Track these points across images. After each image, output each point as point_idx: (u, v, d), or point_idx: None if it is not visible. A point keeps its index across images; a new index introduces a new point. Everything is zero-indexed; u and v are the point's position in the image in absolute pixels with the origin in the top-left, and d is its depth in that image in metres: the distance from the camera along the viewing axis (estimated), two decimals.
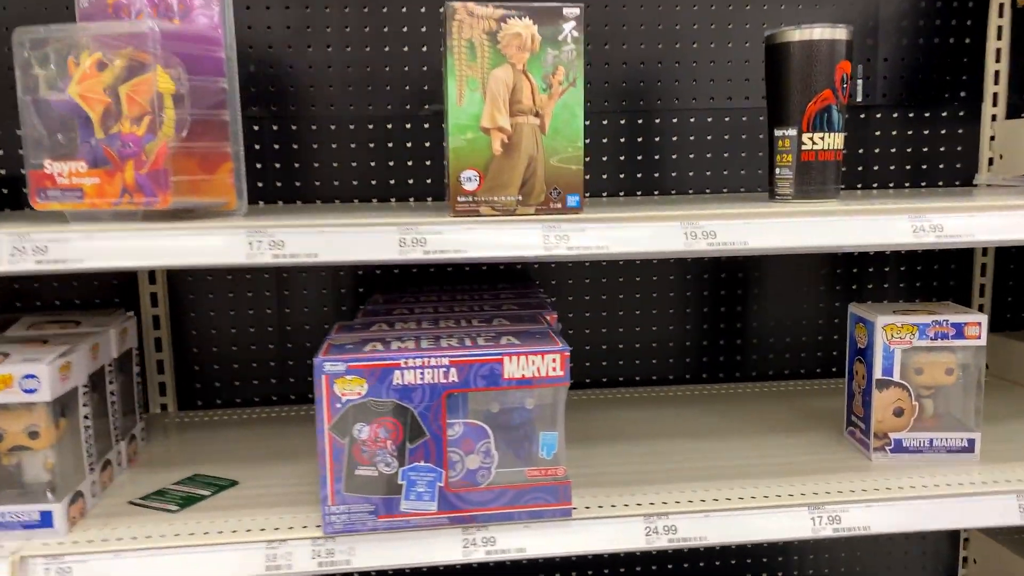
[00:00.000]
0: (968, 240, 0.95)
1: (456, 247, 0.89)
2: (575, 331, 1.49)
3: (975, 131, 1.52)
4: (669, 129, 1.45)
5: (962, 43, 1.49)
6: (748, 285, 1.52)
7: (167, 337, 1.42)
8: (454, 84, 0.89)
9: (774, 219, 0.93)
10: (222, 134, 0.99)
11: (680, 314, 1.51)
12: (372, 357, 0.90)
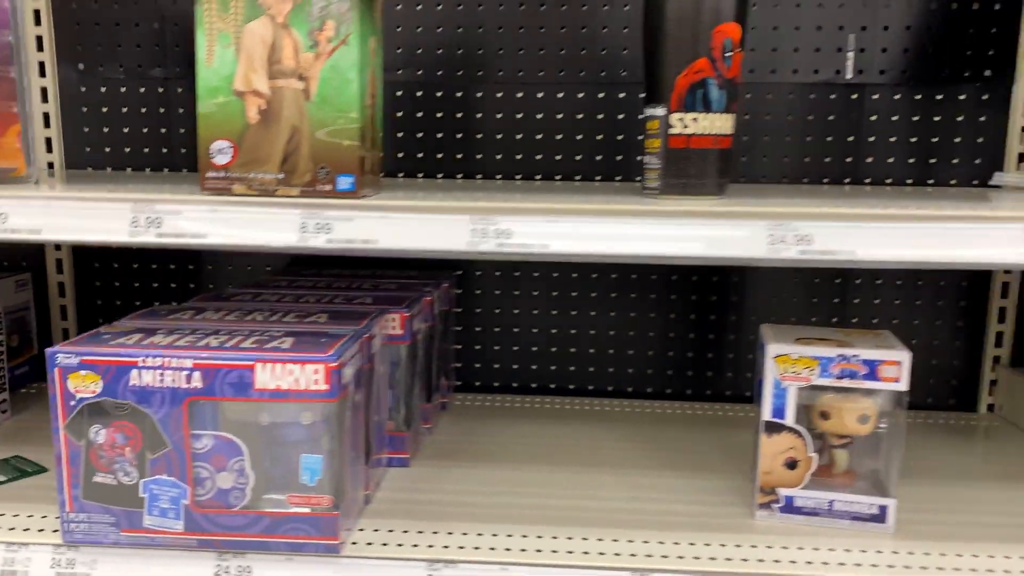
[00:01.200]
0: (846, 259, 0.72)
1: (195, 231, 0.76)
2: (525, 328, 1.33)
3: (1002, 119, 1.23)
4: (494, 104, 1.25)
5: (989, 7, 1.21)
6: (728, 292, 1.30)
7: (72, 303, 1.37)
8: (203, 39, 0.75)
9: (588, 218, 0.74)
10: (8, 93, 0.90)
11: (652, 322, 1.32)
12: (108, 352, 0.79)
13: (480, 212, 0.74)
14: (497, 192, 0.92)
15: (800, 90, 1.24)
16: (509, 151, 1.27)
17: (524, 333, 1.33)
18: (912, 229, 0.72)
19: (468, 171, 1.28)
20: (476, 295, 1.33)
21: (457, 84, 1.26)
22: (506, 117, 1.26)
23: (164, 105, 1.30)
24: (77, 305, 1.37)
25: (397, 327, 1.00)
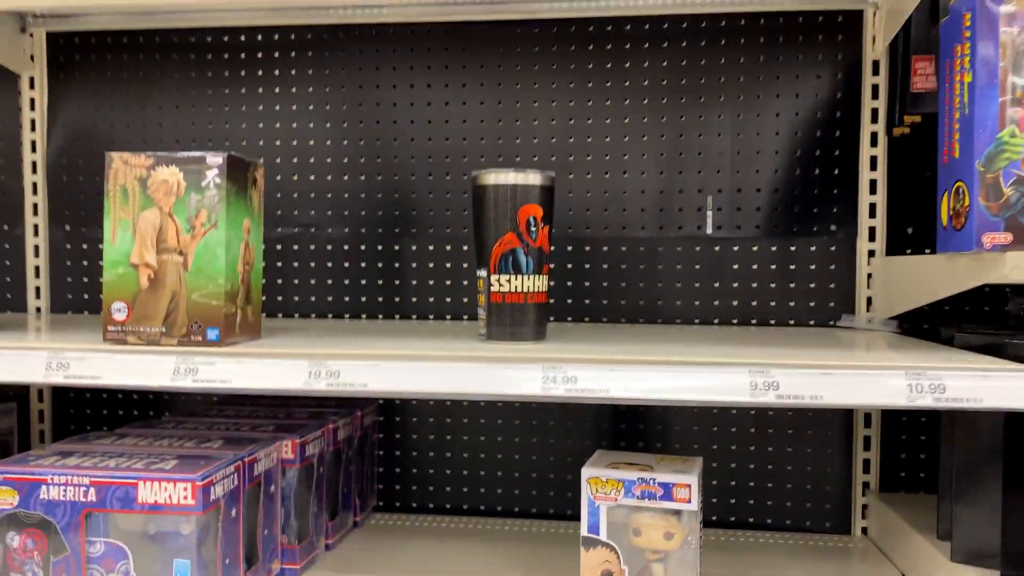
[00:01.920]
0: (603, 396, 0.88)
1: (94, 373, 0.95)
2: (444, 451, 1.49)
3: (851, 268, 1.39)
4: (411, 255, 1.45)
5: (832, 173, 1.39)
6: (635, 423, 1.45)
7: (49, 430, 1.57)
8: (109, 224, 0.98)
9: (402, 363, 0.92)
10: None
11: (553, 447, 1.46)
12: (23, 471, 0.98)
13: (315, 357, 0.93)
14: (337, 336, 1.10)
15: (670, 243, 1.42)
16: (434, 294, 1.47)
17: (442, 456, 1.49)
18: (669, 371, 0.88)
19: (400, 312, 1.48)
20: (397, 421, 1.49)
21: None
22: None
23: None
24: (54, 430, 1.57)
25: (289, 451, 1.17)
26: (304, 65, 1.47)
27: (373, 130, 1.46)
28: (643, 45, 1.41)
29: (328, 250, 1.48)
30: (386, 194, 1.47)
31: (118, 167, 0.97)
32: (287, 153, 1.49)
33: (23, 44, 1.50)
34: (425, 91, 1.45)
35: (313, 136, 1.48)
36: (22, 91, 1.53)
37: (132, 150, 1.45)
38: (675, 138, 1.41)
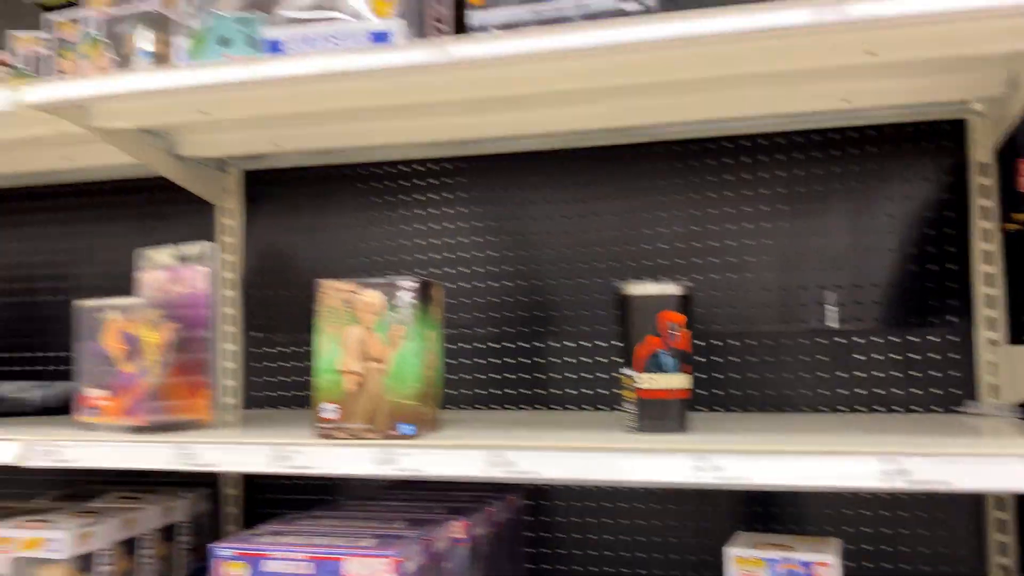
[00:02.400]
0: (747, 483, 1.01)
1: (310, 464, 1.15)
2: (590, 543, 1.62)
3: (969, 356, 1.46)
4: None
5: (946, 267, 1.48)
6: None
7: (240, 511, 1.79)
8: (320, 338, 1.18)
9: (569, 453, 1.07)
10: (202, 370, 1.36)
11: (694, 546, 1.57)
12: (251, 547, 1.17)
13: (494, 448, 1.09)
14: (524, 427, 1.26)
15: (794, 336, 1.53)
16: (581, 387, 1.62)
17: (586, 537, 1.61)
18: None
19: (545, 402, 1.64)
20: (543, 505, 1.63)
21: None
22: None
23: (309, 359, 1.76)
24: (245, 512, 1.79)
25: (460, 532, 1.33)
26: (457, 189, 1.69)
27: (517, 243, 1.66)
28: (760, 158, 1.56)
29: (478, 348, 1.67)
30: (529, 299, 1.65)
31: (328, 291, 1.19)
32: (443, 264, 1.69)
33: (221, 181, 1.78)
34: (563, 207, 1.64)
35: (465, 249, 1.68)
36: (219, 218, 1.81)
37: (312, 267, 1.69)
38: (794, 240, 1.54)
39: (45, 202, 1.89)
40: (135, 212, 1.85)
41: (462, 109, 1.49)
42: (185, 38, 1.32)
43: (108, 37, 1.46)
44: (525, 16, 1.15)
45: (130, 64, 1.44)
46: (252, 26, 1.28)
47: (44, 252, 1.90)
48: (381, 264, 1.72)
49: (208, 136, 1.62)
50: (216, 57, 1.29)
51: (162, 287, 1.43)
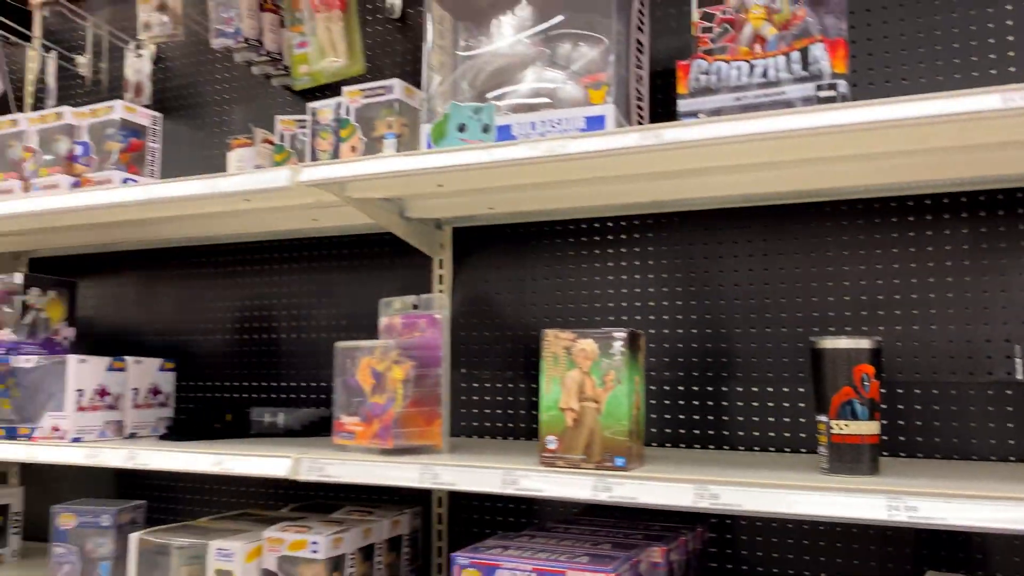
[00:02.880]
0: (940, 523, 1.10)
1: (537, 487, 1.34)
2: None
3: None
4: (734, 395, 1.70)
5: None
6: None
7: (445, 528, 2.01)
8: (544, 380, 1.38)
9: (771, 490, 1.20)
10: (436, 402, 1.59)
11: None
12: (483, 557, 1.37)
13: (700, 482, 1.24)
14: (728, 466, 1.40)
15: (980, 387, 1.59)
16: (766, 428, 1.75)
17: (770, 571, 1.72)
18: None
19: (732, 443, 1.77)
20: (727, 537, 1.75)
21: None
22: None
23: (516, 395, 1.97)
24: (449, 529, 2.01)
25: (658, 557, 1.48)
26: (648, 243, 1.86)
27: (705, 293, 1.81)
28: (944, 216, 1.64)
29: (666, 391, 1.82)
30: (715, 346, 1.79)
31: (550, 339, 1.38)
32: (634, 312, 1.87)
33: (438, 237, 2.04)
34: (749, 260, 1.78)
35: (655, 299, 1.85)
36: (434, 269, 2.06)
37: (513, 312, 1.91)
38: (979, 294, 1.61)
39: (291, 253, 2.22)
40: (365, 263, 2.14)
41: (659, 177, 1.66)
42: (427, 124, 1.58)
43: (358, 121, 1.75)
44: (728, 103, 1.31)
45: (377, 144, 1.72)
46: (485, 113, 1.51)
47: (288, 296, 2.22)
48: (576, 311, 1.91)
49: (434, 201, 1.88)
50: (455, 141, 1.53)
51: (400, 331, 1.68)
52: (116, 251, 2.44)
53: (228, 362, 2.27)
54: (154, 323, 2.38)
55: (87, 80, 2.49)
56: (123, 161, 1.84)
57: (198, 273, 2.33)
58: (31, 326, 1.97)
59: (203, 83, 2.37)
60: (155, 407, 2.04)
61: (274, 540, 1.60)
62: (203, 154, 2.35)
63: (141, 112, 1.89)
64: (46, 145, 1.92)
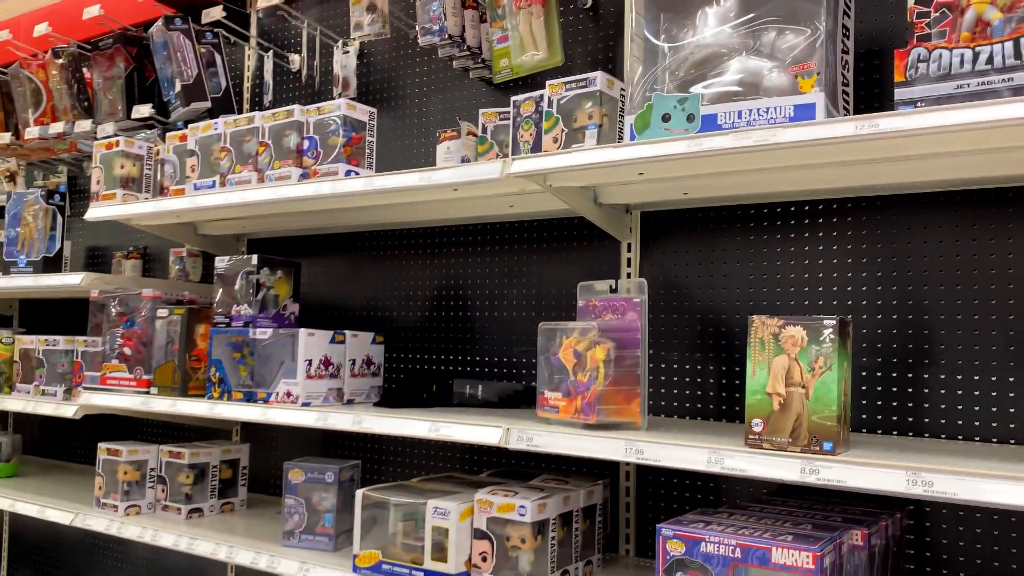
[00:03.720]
0: None
1: (745, 467, 1.39)
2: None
3: None
4: (936, 382, 1.64)
5: None
6: None
7: (633, 501, 2.10)
8: (751, 365, 1.43)
9: (979, 478, 1.21)
10: (635, 381, 1.67)
11: None
12: (687, 530, 1.44)
13: (912, 469, 1.26)
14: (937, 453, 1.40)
15: None
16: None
17: (971, 561, 1.69)
18: None
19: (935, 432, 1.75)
20: (926, 525, 1.74)
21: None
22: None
23: (704, 376, 2.02)
24: (636, 504, 2.10)
25: (859, 539, 1.50)
26: (845, 227, 1.85)
27: (906, 277, 1.78)
28: None
29: (864, 376, 1.81)
30: (916, 331, 1.77)
31: (757, 325, 1.43)
32: (831, 297, 1.87)
33: (627, 221, 2.11)
34: (952, 244, 1.73)
35: (853, 283, 1.84)
36: (623, 252, 2.13)
37: (703, 295, 1.95)
38: None
39: (487, 237, 2.36)
40: (555, 246, 2.25)
41: (865, 162, 1.66)
42: (629, 115, 1.65)
43: (559, 112, 1.84)
44: (948, 91, 1.30)
45: (578, 135, 1.81)
46: (690, 103, 1.56)
47: (483, 276, 2.36)
48: (770, 295, 1.93)
49: (628, 188, 1.95)
50: (659, 131, 1.59)
51: (599, 312, 1.77)
52: (326, 234, 2.67)
53: (429, 336, 2.45)
54: (361, 299, 2.60)
55: (301, 77, 2.73)
56: (345, 154, 2.03)
57: (402, 254, 2.52)
58: (262, 302, 2.21)
59: (404, 77, 2.54)
60: (368, 376, 2.24)
61: (484, 502, 1.74)
62: (403, 144, 2.52)
63: (360, 108, 2.07)
64: (277, 139, 2.14)
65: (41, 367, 2.71)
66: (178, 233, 2.73)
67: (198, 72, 2.71)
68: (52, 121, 3.12)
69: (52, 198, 2.91)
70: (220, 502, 2.48)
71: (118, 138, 2.58)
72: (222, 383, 2.17)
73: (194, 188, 2.33)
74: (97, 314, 2.53)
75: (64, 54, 3.06)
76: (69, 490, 2.83)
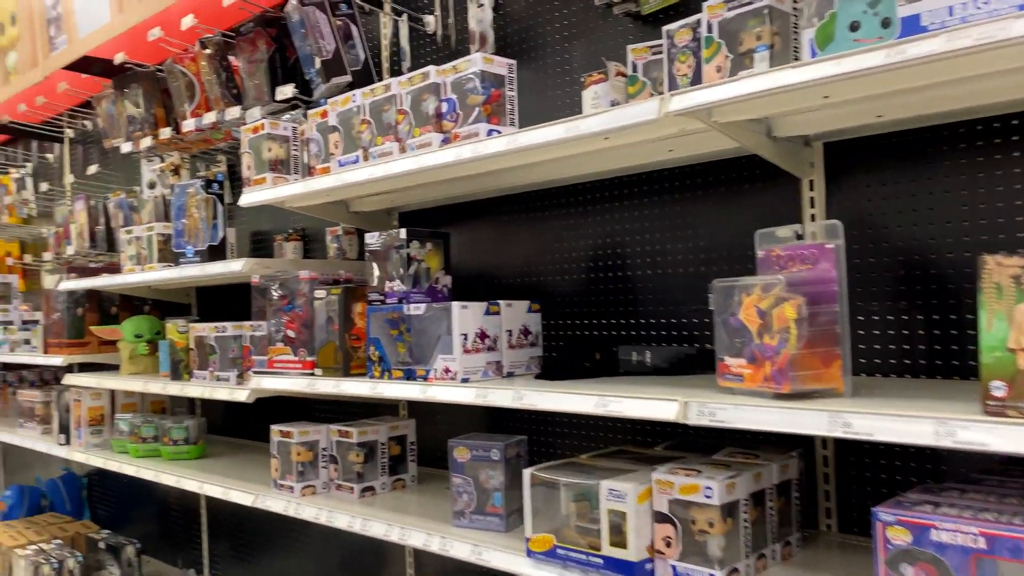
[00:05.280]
0: None
1: (980, 440, 1.15)
2: None
3: None
4: None
5: None
6: None
7: (832, 472, 1.87)
8: (985, 315, 1.17)
9: None
10: (834, 341, 1.44)
11: None
12: (914, 515, 1.21)
13: None
14: None
15: None
16: None
17: None
18: None
19: None
20: None
21: None
22: None
23: (911, 328, 1.74)
24: (837, 479, 1.86)
25: None
26: None
27: None
28: None
29: None
30: None
31: (992, 267, 1.16)
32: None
33: (807, 155, 1.84)
34: None
35: None
36: (804, 192, 1.87)
37: (907, 234, 1.67)
38: None
39: (643, 187, 2.16)
40: (721, 191, 2.02)
41: None
42: (808, 29, 1.39)
43: (722, 37, 1.60)
44: None
45: (745, 60, 1.57)
46: (884, 5, 1.29)
47: (642, 231, 2.17)
48: (991, 229, 1.62)
49: (807, 116, 1.69)
50: (847, 44, 1.33)
51: (783, 263, 1.54)
52: (474, 200, 2.56)
53: (587, 300, 2.29)
54: (514, 266, 2.47)
55: (437, 38, 2.61)
56: (485, 113, 1.88)
57: (552, 215, 2.36)
58: (415, 276, 2.13)
59: (543, 24, 2.36)
60: (526, 347, 2.11)
61: (664, 483, 1.58)
62: (547, 95, 2.35)
63: (498, 61, 1.92)
64: (415, 105, 2.02)
65: (214, 353, 2.79)
66: (331, 212, 2.71)
67: (336, 46, 2.65)
68: (206, 112, 3.18)
69: (211, 187, 2.97)
70: (391, 479, 2.46)
71: (263, 121, 2.57)
72: (382, 361, 2.12)
73: (338, 165, 2.27)
74: (259, 298, 2.55)
75: (210, 44, 3.10)
76: (250, 470, 2.92)
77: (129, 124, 3.57)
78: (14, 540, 3.91)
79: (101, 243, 4.04)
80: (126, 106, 3.57)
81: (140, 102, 3.51)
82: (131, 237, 3.35)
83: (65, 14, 3.88)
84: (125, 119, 3.59)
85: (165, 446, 3.24)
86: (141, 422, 3.34)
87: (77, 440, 3.61)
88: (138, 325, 3.47)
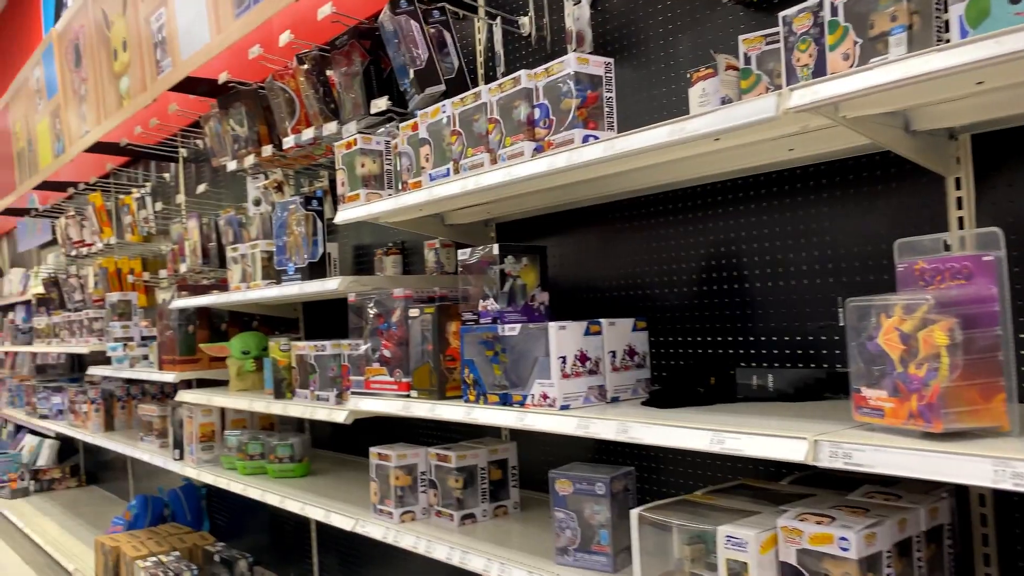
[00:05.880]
0: None
1: None
2: None
3: None
4: None
5: None
6: None
7: (991, 513, 1.62)
8: None
9: None
10: (996, 370, 1.21)
11: None
12: None
13: None
14: None
15: None
16: None
17: None
18: None
19: None
20: None
21: None
22: None
23: None
24: (996, 513, 1.61)
25: None
26: None
27: None
28: None
29: None
30: None
31: None
32: None
33: (950, 150, 1.60)
34: None
35: None
36: (949, 191, 1.63)
37: None
38: None
39: (759, 191, 1.96)
40: (849, 193, 1.79)
41: None
42: (957, 4, 1.18)
43: (849, 20, 1.40)
44: None
45: (877, 45, 1.36)
46: None
47: (759, 239, 1.96)
48: None
49: (952, 105, 1.46)
50: (1008, 19, 1.11)
51: (931, 279, 1.32)
52: (573, 209, 2.41)
53: (699, 316, 2.10)
54: (616, 279, 2.30)
55: (531, 40, 2.47)
56: (581, 117, 1.73)
57: (657, 223, 2.18)
58: (510, 294, 2.00)
59: (644, 18, 2.18)
60: (632, 369, 1.95)
61: (791, 530, 1.38)
62: (649, 95, 2.18)
63: (593, 61, 1.76)
64: (506, 113, 1.89)
65: (314, 372, 2.75)
66: (426, 226, 2.62)
67: (429, 55, 2.55)
68: (306, 128, 3.16)
69: (310, 204, 2.94)
70: (493, 506, 2.34)
71: (355, 136, 2.50)
72: (476, 384, 2.00)
73: (429, 179, 2.16)
74: (356, 317, 2.49)
75: (307, 59, 3.07)
76: (353, 490, 2.87)
77: (234, 142, 3.61)
78: (136, 551, 4.03)
79: (213, 260, 4.12)
80: (231, 125, 3.61)
81: (243, 120, 3.54)
82: (236, 255, 3.38)
83: (169, 37, 3.97)
84: (230, 137, 3.63)
85: (271, 463, 3.24)
86: (248, 439, 3.36)
87: (190, 455, 3.67)
88: (245, 342, 3.50)
